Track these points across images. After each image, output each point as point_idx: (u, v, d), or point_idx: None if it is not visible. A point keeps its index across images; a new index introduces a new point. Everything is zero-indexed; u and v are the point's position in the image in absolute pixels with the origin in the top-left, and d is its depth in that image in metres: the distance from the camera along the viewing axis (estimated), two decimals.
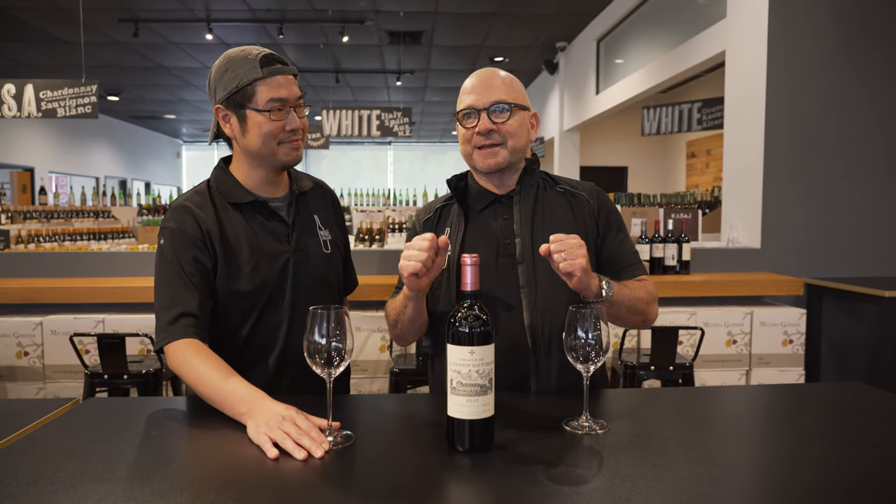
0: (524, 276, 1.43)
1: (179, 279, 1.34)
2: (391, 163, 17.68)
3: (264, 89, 1.36)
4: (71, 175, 12.62)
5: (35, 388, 2.98)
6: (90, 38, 7.45)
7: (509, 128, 1.43)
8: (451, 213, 1.54)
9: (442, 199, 1.60)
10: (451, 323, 1.05)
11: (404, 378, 2.66)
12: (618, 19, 7.00)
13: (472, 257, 1.07)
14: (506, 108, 1.42)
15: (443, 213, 1.56)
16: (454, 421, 1.04)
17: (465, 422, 1.03)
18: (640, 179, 10.91)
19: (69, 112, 5.58)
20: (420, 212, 1.62)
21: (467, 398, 1.02)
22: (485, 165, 1.45)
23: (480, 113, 1.43)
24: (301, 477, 0.96)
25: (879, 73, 3.67)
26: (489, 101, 1.42)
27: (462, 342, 1.02)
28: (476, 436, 1.03)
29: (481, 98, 1.43)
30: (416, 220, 1.61)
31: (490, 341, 1.04)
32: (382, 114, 6.98)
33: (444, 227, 1.53)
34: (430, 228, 1.55)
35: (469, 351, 1.02)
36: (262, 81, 1.36)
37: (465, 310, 1.05)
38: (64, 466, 0.97)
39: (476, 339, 1.02)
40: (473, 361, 1.02)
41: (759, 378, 3.25)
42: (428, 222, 1.57)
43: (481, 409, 1.02)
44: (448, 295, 1.45)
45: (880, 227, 3.72)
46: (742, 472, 0.98)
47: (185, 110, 13.33)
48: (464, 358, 1.02)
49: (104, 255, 3.48)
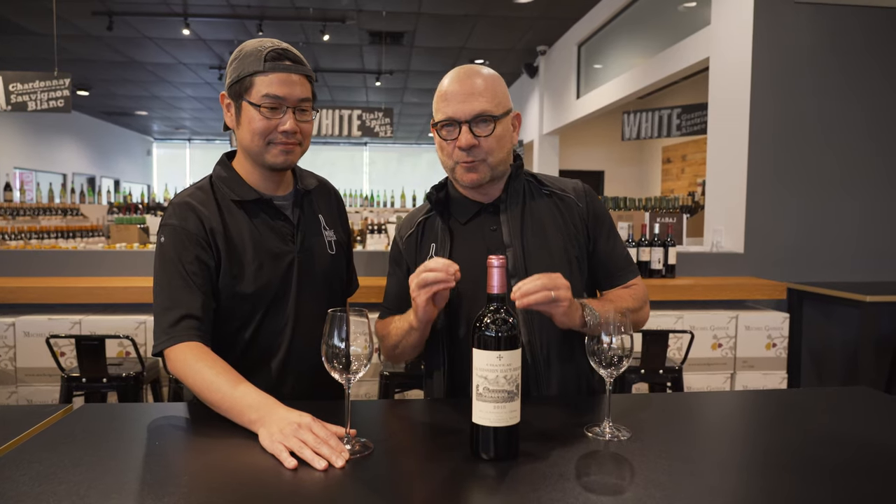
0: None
1: (181, 279, 1.28)
2: (367, 164, 17.55)
3: (262, 83, 1.31)
4: (37, 171, 12.24)
5: (7, 391, 2.86)
6: (62, 30, 7.22)
7: (491, 142, 1.34)
8: (434, 227, 1.46)
9: (423, 210, 1.51)
10: (478, 327, 1.01)
11: (394, 381, 2.61)
12: (599, 24, 7.04)
13: (499, 259, 1.03)
14: (490, 120, 1.32)
15: (426, 227, 1.48)
16: (479, 428, 1.00)
17: (491, 429, 0.99)
18: (616, 184, 11.02)
19: (40, 106, 5.40)
20: (402, 226, 1.53)
21: (494, 405, 0.99)
22: (468, 180, 1.36)
23: (462, 126, 1.32)
24: (322, 488, 0.91)
25: (863, 80, 3.75)
26: (471, 113, 1.31)
27: (489, 346, 0.99)
28: (502, 443, 1.00)
29: (463, 108, 1.31)
30: (397, 236, 1.52)
31: (517, 346, 1.00)
32: (363, 114, 6.91)
33: (428, 243, 1.45)
34: (414, 245, 1.47)
35: (497, 356, 0.98)
36: (261, 75, 1.31)
37: (493, 313, 1.01)
38: (67, 479, 0.91)
39: (504, 343, 0.99)
40: (501, 367, 0.98)
41: (743, 381, 3.28)
42: (410, 238, 1.48)
43: (508, 415, 0.99)
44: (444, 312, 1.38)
45: (862, 232, 3.79)
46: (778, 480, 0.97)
47: (158, 107, 13.03)
48: (491, 363, 0.98)
49: (79, 254, 3.36)
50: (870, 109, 3.76)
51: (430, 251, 1.43)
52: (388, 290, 1.54)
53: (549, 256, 1.40)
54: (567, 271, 1.37)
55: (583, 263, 1.45)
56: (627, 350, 1.10)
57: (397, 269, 1.51)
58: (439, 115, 1.36)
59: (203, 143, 17.61)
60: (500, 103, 1.36)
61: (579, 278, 1.43)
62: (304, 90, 1.35)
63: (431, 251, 1.43)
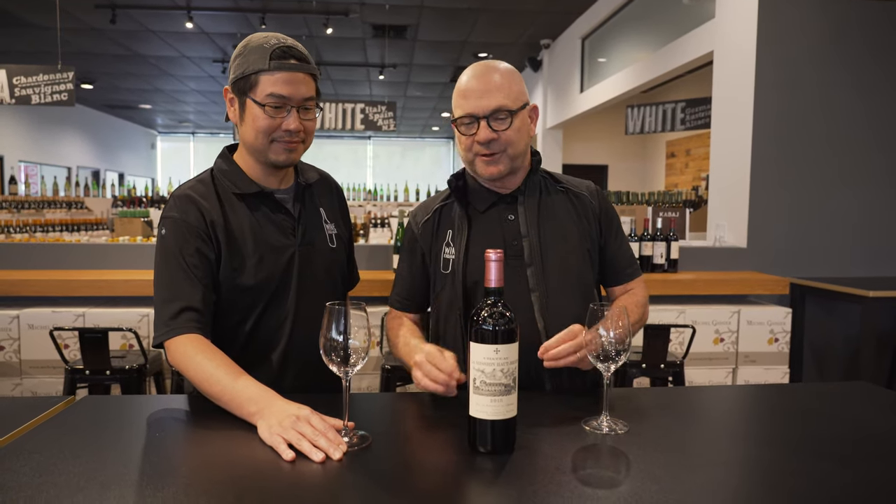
0: (534, 278, 1.40)
1: (181, 271, 1.29)
2: (370, 157, 17.54)
3: (266, 82, 1.30)
4: (42, 164, 12.27)
5: (11, 383, 2.88)
6: (65, 23, 7.23)
7: (511, 134, 1.38)
8: (451, 214, 1.48)
9: (439, 198, 1.54)
10: (475, 321, 1.01)
11: (395, 375, 2.62)
12: (603, 18, 7.01)
13: (497, 253, 1.04)
14: (507, 114, 1.36)
15: (442, 214, 1.50)
16: (476, 421, 1.01)
17: (488, 422, 1.00)
18: (620, 178, 10.99)
19: (44, 99, 5.41)
20: (416, 212, 1.55)
21: (491, 398, 0.99)
22: (488, 173, 1.40)
23: (480, 121, 1.36)
24: (320, 480, 0.92)
25: (868, 75, 3.72)
26: (489, 109, 1.35)
27: (486, 340, 0.99)
28: (499, 437, 1.00)
29: (480, 104, 1.35)
30: (412, 222, 1.55)
31: (514, 339, 1.01)
32: (366, 107, 6.89)
33: (445, 230, 1.48)
34: (430, 231, 1.50)
35: (494, 350, 0.99)
36: (266, 73, 1.30)
37: (490, 307, 1.02)
38: (67, 470, 0.92)
39: (501, 337, 0.99)
40: (498, 360, 0.99)
41: (745, 376, 3.28)
42: (427, 224, 1.51)
43: (505, 409, 1.00)
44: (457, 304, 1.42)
45: (865, 227, 3.78)
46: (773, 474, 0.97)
47: (161, 101, 13.03)
48: (488, 357, 0.99)
49: (83, 247, 3.38)
50: (875, 104, 3.74)
51: (447, 237, 1.46)
52: (397, 278, 1.57)
53: (566, 247, 1.43)
54: (582, 262, 1.43)
55: (594, 256, 1.50)
56: (627, 344, 1.11)
57: (410, 256, 1.53)
58: (458, 111, 1.40)
59: (207, 137, 17.61)
60: (517, 98, 1.39)
61: (591, 272, 1.48)
62: (308, 89, 1.34)
63: (448, 238, 1.46)
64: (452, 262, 1.43)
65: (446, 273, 1.45)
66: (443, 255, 1.46)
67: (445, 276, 1.45)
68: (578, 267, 1.44)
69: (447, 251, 1.45)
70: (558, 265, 1.42)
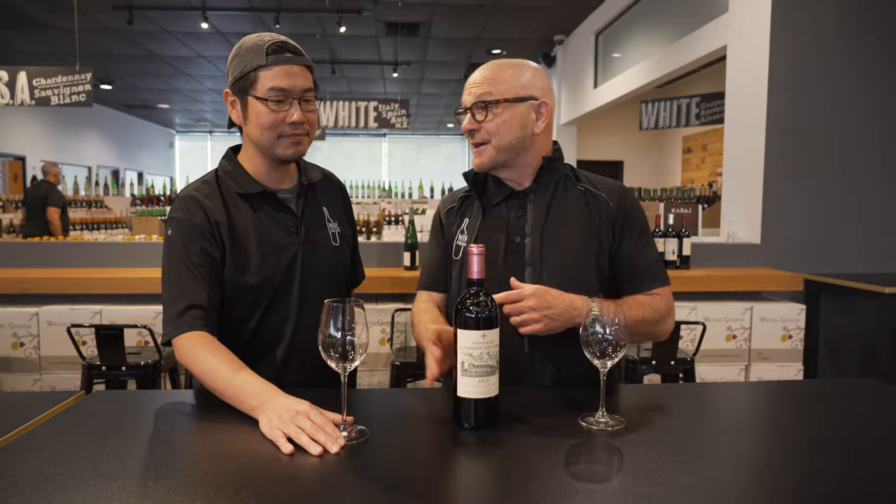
0: (531, 278, 1.40)
1: (187, 270, 1.32)
2: (386, 154, 17.59)
3: (266, 77, 1.33)
4: (63, 164, 12.48)
5: (31, 379, 2.95)
6: (83, 24, 7.34)
7: (491, 126, 1.39)
8: (472, 204, 1.54)
9: (466, 188, 1.58)
10: (460, 309, 1.08)
11: (405, 371, 2.64)
12: (617, 13, 6.97)
13: (479, 247, 1.11)
14: (484, 105, 1.38)
15: (465, 202, 1.56)
16: (463, 400, 1.09)
17: (473, 401, 1.08)
18: (635, 174, 10.91)
19: (63, 100, 5.50)
20: (445, 200, 1.62)
21: (479, 379, 1.07)
22: (475, 164, 1.45)
23: (468, 111, 1.41)
24: (317, 473, 0.94)
25: (881, 70, 3.67)
26: (473, 98, 1.40)
27: (472, 326, 1.07)
28: (483, 413, 1.09)
29: (469, 94, 1.41)
30: (440, 208, 1.62)
31: (496, 325, 1.09)
32: (380, 105, 6.92)
33: (463, 218, 1.53)
34: (454, 217, 1.56)
35: (481, 334, 1.07)
36: (265, 69, 1.33)
37: (473, 296, 1.09)
38: (73, 462, 0.95)
39: (484, 323, 1.07)
40: (485, 344, 1.07)
41: (758, 373, 3.26)
42: (451, 211, 1.57)
43: (491, 388, 1.09)
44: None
45: (880, 223, 3.73)
46: (765, 470, 0.97)
47: (179, 100, 13.19)
48: (476, 341, 1.07)
49: (100, 246, 3.44)
50: (890, 99, 3.68)
51: (463, 225, 1.52)
52: (425, 260, 1.66)
53: (569, 250, 1.42)
54: (584, 267, 1.42)
55: (602, 261, 1.44)
56: (623, 341, 1.11)
57: (436, 238, 1.60)
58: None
59: (224, 136, 17.78)
60: (508, 89, 1.39)
61: (595, 277, 1.43)
62: (306, 80, 1.38)
63: (464, 225, 1.52)
64: (463, 249, 1.49)
65: (457, 259, 1.51)
66: (456, 241, 1.52)
67: (456, 262, 1.51)
68: (580, 272, 1.41)
69: (460, 238, 1.51)
70: (559, 268, 1.40)
